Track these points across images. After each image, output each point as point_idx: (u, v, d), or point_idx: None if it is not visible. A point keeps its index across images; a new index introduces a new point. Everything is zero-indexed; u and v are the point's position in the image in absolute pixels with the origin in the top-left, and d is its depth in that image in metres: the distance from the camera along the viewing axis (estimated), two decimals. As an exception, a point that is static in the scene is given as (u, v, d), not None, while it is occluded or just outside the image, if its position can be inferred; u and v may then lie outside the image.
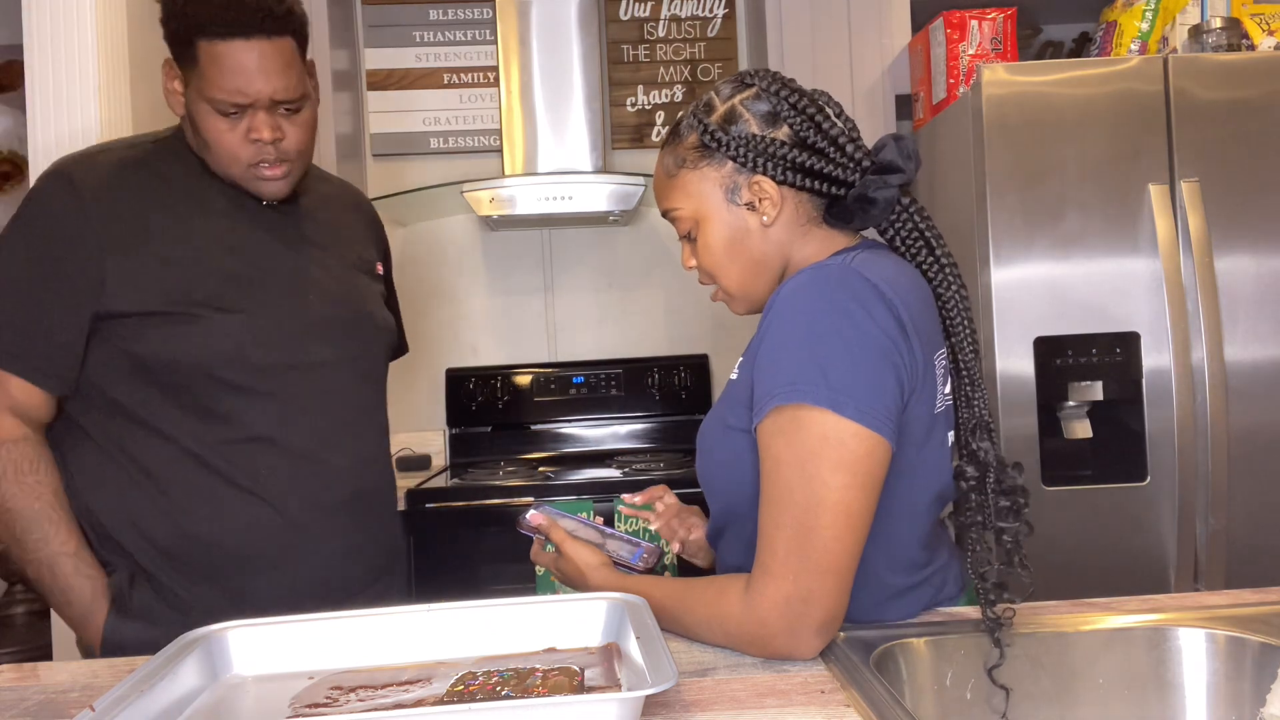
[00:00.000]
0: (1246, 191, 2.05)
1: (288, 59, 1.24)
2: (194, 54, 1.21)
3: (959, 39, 2.34)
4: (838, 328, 0.92)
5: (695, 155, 1.06)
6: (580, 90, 2.69)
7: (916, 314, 0.98)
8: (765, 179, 1.04)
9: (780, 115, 1.04)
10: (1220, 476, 2.01)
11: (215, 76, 1.20)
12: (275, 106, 1.24)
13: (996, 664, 0.94)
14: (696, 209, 1.07)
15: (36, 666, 1.05)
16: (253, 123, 1.24)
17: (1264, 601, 1.06)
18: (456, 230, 2.99)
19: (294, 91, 1.25)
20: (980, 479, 1.01)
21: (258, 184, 1.29)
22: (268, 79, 1.22)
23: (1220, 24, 2.21)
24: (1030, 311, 2.05)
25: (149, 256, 1.24)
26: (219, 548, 1.26)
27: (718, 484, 1.08)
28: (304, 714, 0.81)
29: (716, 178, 1.06)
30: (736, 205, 1.05)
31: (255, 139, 1.24)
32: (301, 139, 1.29)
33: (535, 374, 2.88)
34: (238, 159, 1.26)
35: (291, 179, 1.31)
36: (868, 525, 0.92)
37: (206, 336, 1.24)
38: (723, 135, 1.04)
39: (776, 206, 1.04)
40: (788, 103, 1.04)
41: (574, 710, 0.72)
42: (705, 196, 1.06)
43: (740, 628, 0.93)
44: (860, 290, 0.94)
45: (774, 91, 1.04)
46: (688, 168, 1.07)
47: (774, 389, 0.93)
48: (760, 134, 1.04)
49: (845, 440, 0.89)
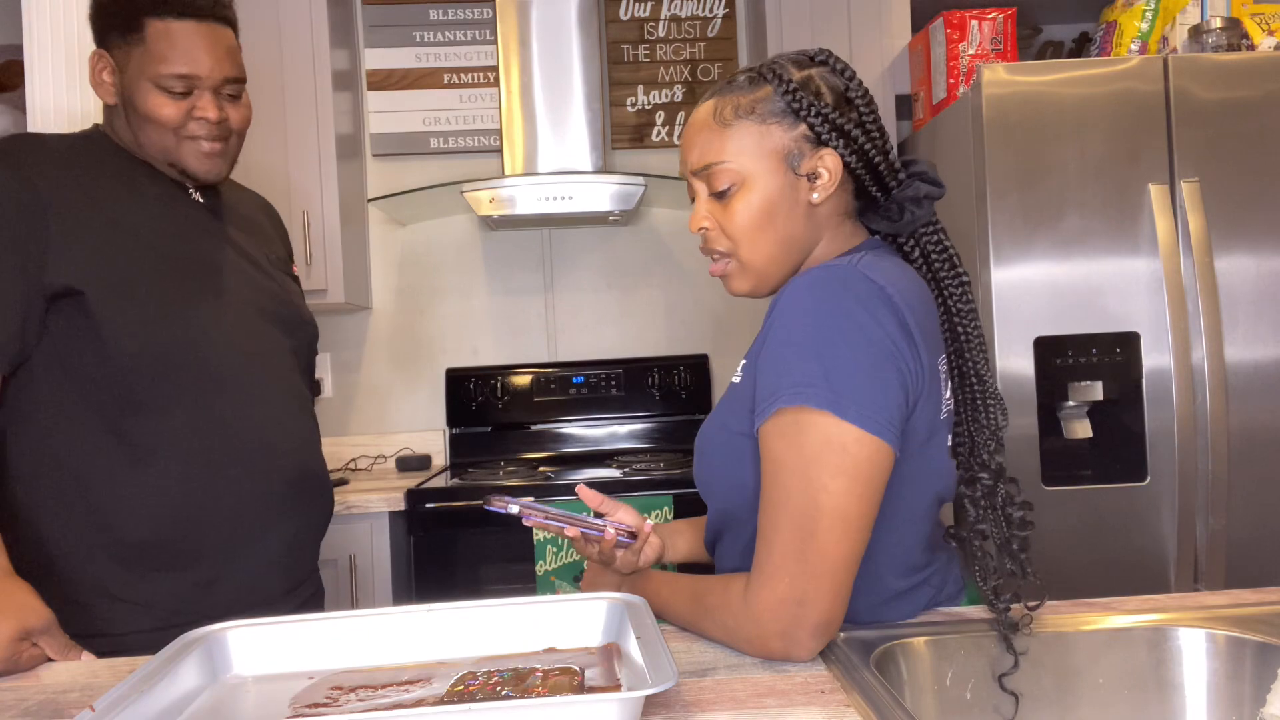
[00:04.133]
0: (1246, 191, 2.05)
1: (232, 45, 1.32)
2: (141, 33, 1.25)
3: (959, 39, 2.34)
4: (842, 330, 0.91)
5: (766, 109, 1.00)
6: (580, 90, 2.69)
7: (921, 317, 0.97)
8: (833, 154, 1.00)
9: (852, 99, 1.02)
10: (1220, 476, 2.01)
11: (166, 52, 1.25)
12: (223, 86, 1.30)
13: (1009, 671, 0.94)
14: (746, 166, 1.00)
15: (37, 667, 1.05)
16: (199, 102, 1.28)
17: (1264, 601, 1.06)
18: (456, 230, 2.99)
19: (240, 72, 1.33)
20: (992, 490, 1.01)
21: (196, 160, 1.31)
22: (218, 60, 1.29)
23: (1220, 24, 2.21)
24: (1030, 311, 2.05)
25: (95, 233, 1.23)
26: (180, 535, 1.26)
27: (717, 487, 1.07)
28: (304, 714, 0.81)
29: (784, 139, 1.00)
30: (794, 174, 1.01)
31: (200, 117, 1.28)
32: (242, 118, 1.35)
33: (535, 374, 2.88)
34: (179, 133, 1.29)
35: (227, 159, 1.35)
36: (868, 530, 0.92)
37: (166, 320, 1.25)
38: (807, 97, 0.99)
39: (833, 187, 1.01)
40: (859, 88, 1.02)
41: (574, 710, 0.72)
42: (762, 156, 1.00)
43: (738, 624, 0.93)
44: (866, 293, 0.93)
45: (842, 72, 1.02)
46: (753, 120, 1.00)
47: (777, 391, 0.92)
48: (834, 106, 1.00)
49: (847, 445, 0.89)
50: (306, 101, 2.56)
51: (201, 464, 1.27)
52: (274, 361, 1.37)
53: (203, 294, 1.30)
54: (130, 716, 0.75)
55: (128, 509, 1.25)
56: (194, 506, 1.27)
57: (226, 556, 1.29)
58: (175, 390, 1.25)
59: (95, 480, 1.24)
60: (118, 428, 1.24)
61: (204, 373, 1.27)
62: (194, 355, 1.27)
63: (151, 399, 1.24)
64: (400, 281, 2.98)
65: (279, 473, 1.34)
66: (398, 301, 2.98)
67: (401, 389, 2.98)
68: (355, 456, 2.92)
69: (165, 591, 1.27)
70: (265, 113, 2.56)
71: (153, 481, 1.25)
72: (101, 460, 1.24)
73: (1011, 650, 0.95)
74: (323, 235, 2.57)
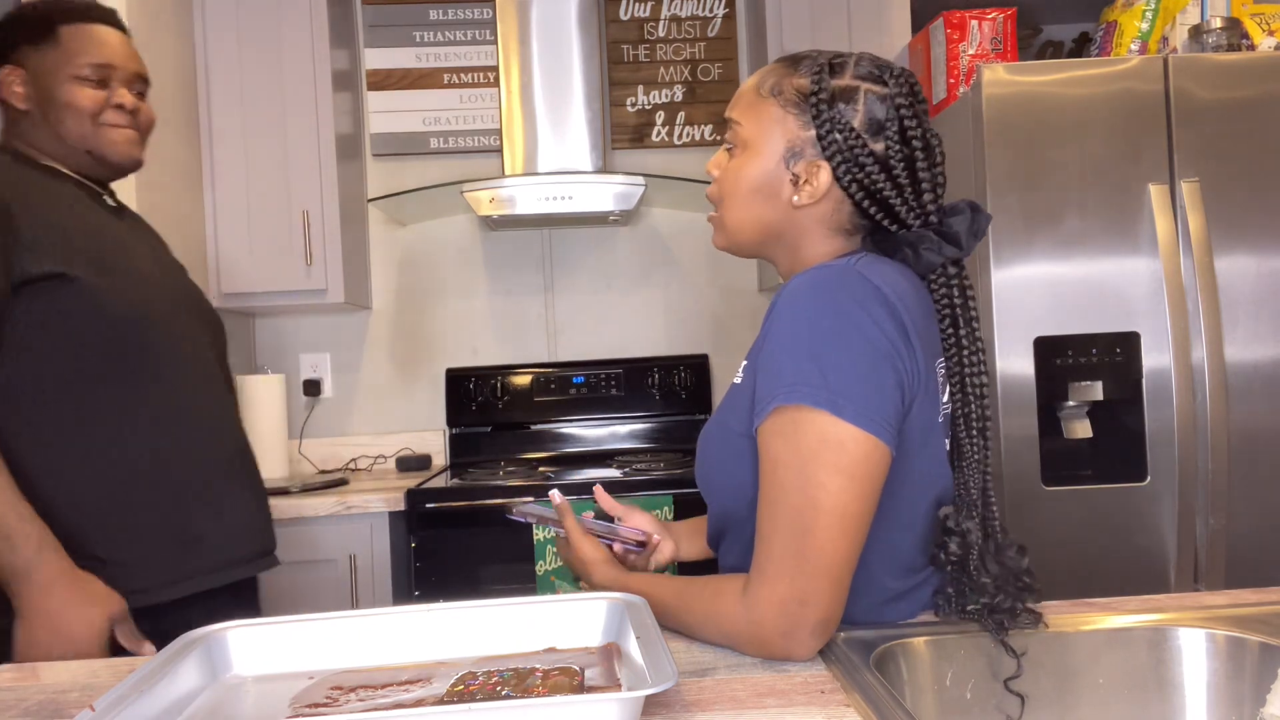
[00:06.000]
0: (1246, 191, 2.05)
1: (135, 49, 1.47)
2: (55, 37, 1.38)
3: (959, 39, 2.34)
4: (840, 330, 0.91)
5: (793, 96, 1.02)
6: (580, 90, 2.69)
7: (919, 319, 0.97)
8: (827, 169, 1.00)
9: (886, 132, 1.00)
10: (1220, 476, 2.01)
11: (83, 48, 1.39)
12: (133, 82, 1.44)
13: (1014, 675, 0.94)
14: (754, 138, 1.04)
15: (36, 666, 1.05)
16: (115, 92, 1.41)
17: (1264, 601, 1.06)
18: (456, 230, 2.99)
19: (147, 74, 1.47)
20: (962, 560, 0.98)
21: (113, 146, 1.41)
22: (129, 56, 1.44)
23: (1220, 24, 2.21)
24: (1030, 311, 2.05)
25: (57, 227, 1.30)
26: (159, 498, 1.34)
27: (717, 487, 1.07)
28: (304, 714, 0.81)
29: (792, 131, 1.02)
30: (786, 168, 1.03)
31: (118, 104, 1.40)
32: (149, 119, 1.48)
33: (535, 374, 2.88)
34: (98, 120, 1.39)
35: (142, 147, 1.47)
36: (865, 529, 0.92)
37: (124, 301, 1.32)
38: (826, 108, 1.00)
39: (815, 199, 1.01)
40: (901, 125, 1.00)
41: (574, 710, 0.72)
42: (770, 136, 1.03)
43: (737, 628, 0.93)
44: (863, 293, 0.93)
45: (897, 106, 1.00)
46: (778, 101, 1.03)
47: (775, 390, 0.92)
48: (858, 131, 1.00)
49: (844, 443, 0.89)
50: (306, 101, 2.56)
51: (165, 431, 1.35)
52: (202, 346, 1.46)
53: (134, 283, 1.37)
54: (130, 716, 0.75)
55: (107, 476, 1.30)
56: (165, 469, 1.34)
57: (206, 515, 1.38)
58: (134, 366, 1.33)
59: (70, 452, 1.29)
60: (82, 401, 1.30)
61: (152, 351, 1.35)
62: (144, 335, 1.34)
63: (113, 373, 1.31)
64: (400, 281, 2.98)
65: (231, 441, 1.45)
66: (398, 301, 2.98)
67: (401, 389, 2.98)
68: (355, 456, 2.92)
69: (152, 554, 1.33)
70: (265, 112, 2.56)
71: (121, 449, 1.31)
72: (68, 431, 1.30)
73: (1012, 654, 0.95)
74: (323, 235, 2.57)
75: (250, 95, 2.55)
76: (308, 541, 2.28)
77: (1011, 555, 0.98)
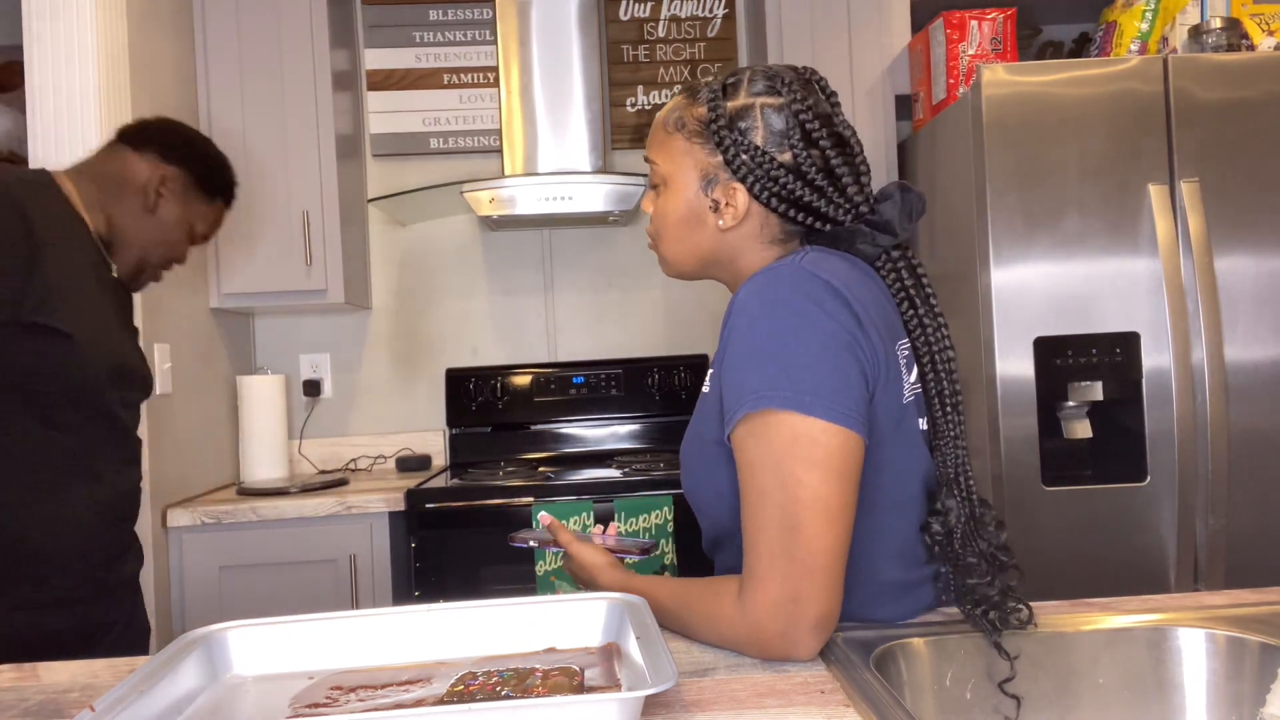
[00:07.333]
0: (1246, 191, 2.05)
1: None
2: (209, 197, 1.60)
3: (959, 39, 2.34)
4: (796, 328, 0.92)
5: (696, 128, 1.05)
6: (580, 90, 2.69)
7: (870, 306, 0.98)
8: (743, 190, 1.03)
9: (790, 141, 1.01)
10: (1220, 476, 2.01)
11: (214, 222, 1.64)
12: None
13: (1009, 678, 0.95)
14: (671, 173, 1.08)
15: (36, 666, 1.05)
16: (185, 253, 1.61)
17: (1264, 601, 1.06)
18: (456, 230, 2.99)
19: None
20: (947, 537, 1.00)
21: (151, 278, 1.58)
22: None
23: (1220, 24, 2.21)
24: (1030, 311, 2.05)
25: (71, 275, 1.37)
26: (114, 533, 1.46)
27: (702, 498, 1.08)
28: (304, 714, 0.81)
29: (701, 160, 1.05)
30: (704, 195, 1.05)
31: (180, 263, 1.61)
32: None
33: (535, 374, 2.88)
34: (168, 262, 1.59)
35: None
36: (849, 520, 0.92)
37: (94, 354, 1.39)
38: (725, 132, 1.02)
39: (739, 219, 1.04)
40: (804, 130, 1.01)
41: (574, 710, 0.72)
42: (683, 169, 1.06)
43: (735, 632, 0.93)
44: (813, 289, 0.94)
45: (795, 113, 1.01)
46: (683, 135, 1.06)
47: (741, 398, 0.93)
48: (762, 148, 1.02)
49: (816, 437, 0.89)
50: (306, 101, 2.56)
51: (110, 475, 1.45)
52: (136, 409, 1.56)
53: (108, 347, 1.45)
54: (130, 716, 0.75)
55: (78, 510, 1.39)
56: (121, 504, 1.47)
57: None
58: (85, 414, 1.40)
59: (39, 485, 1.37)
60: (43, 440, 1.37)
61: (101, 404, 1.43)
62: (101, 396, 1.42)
63: (66, 420, 1.38)
64: (400, 282, 2.98)
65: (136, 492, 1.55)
66: (398, 301, 2.98)
67: (401, 389, 2.98)
68: (355, 456, 2.92)
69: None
70: (265, 113, 2.56)
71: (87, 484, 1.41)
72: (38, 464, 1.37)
73: (1006, 656, 0.95)
74: (323, 235, 2.57)
75: (250, 95, 2.55)
76: (308, 542, 2.28)
77: (990, 530, 1.00)
